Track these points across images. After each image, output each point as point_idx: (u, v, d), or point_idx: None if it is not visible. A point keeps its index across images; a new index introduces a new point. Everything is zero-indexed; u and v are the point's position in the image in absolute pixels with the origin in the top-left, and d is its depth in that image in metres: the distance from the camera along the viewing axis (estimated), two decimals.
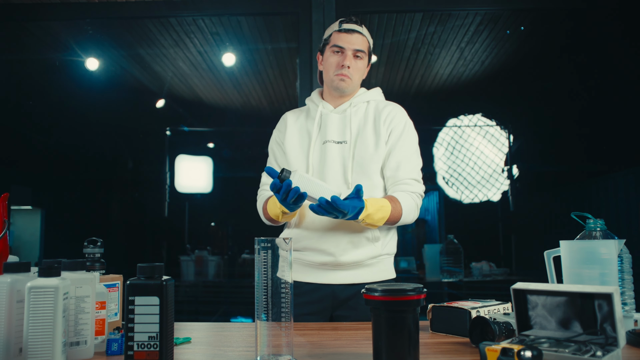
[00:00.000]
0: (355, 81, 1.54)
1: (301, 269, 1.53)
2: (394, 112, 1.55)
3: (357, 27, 1.53)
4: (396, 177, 1.49)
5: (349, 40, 1.51)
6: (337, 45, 1.52)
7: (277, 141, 1.63)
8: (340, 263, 1.47)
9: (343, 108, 1.56)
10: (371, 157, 1.49)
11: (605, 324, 0.87)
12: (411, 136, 1.54)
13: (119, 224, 4.86)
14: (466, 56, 3.76)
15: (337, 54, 1.53)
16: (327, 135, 1.53)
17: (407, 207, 1.45)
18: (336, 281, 1.49)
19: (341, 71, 1.51)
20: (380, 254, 1.51)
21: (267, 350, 0.89)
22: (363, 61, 1.55)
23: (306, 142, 1.55)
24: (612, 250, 1.07)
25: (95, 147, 4.58)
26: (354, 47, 1.51)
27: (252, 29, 3.44)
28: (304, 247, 1.51)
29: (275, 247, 0.89)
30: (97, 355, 0.98)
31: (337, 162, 1.49)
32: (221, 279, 4.96)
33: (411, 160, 1.51)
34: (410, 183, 1.49)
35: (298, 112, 1.66)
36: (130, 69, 4.17)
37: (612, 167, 3.89)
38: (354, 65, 1.52)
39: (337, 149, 1.51)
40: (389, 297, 0.82)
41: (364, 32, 1.53)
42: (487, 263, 4.27)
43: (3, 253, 1.08)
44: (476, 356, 0.94)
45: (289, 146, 1.57)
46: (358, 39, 1.52)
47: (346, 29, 1.52)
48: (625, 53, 3.47)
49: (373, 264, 1.51)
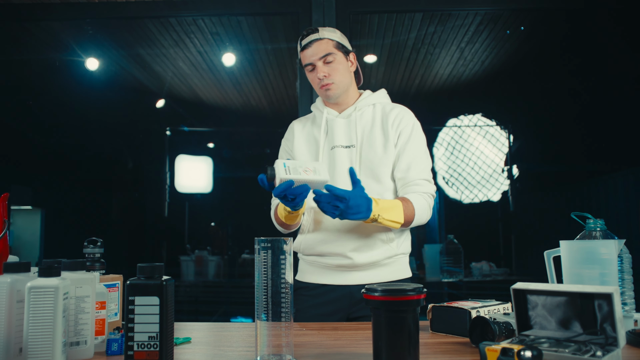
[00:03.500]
0: (340, 82, 1.53)
1: (318, 271, 1.55)
2: (402, 114, 1.55)
3: (313, 35, 1.51)
4: (407, 178, 1.50)
5: (312, 53, 1.51)
6: (306, 64, 1.53)
7: (286, 150, 1.65)
8: (356, 264, 1.49)
9: (348, 112, 1.57)
10: (380, 159, 1.50)
11: (605, 324, 0.87)
12: (420, 137, 1.55)
13: (119, 224, 4.86)
14: (466, 56, 3.76)
15: (311, 71, 1.54)
16: (334, 140, 1.54)
17: (419, 207, 1.45)
18: (353, 282, 1.50)
19: (321, 83, 1.52)
20: (395, 253, 1.52)
21: (267, 350, 0.89)
22: (337, 60, 1.52)
23: (314, 149, 1.57)
24: (612, 250, 1.07)
25: (95, 147, 4.58)
26: (318, 56, 1.50)
27: (252, 29, 3.44)
28: (320, 252, 1.52)
29: (276, 248, 0.89)
30: (97, 355, 0.98)
31: (347, 167, 1.51)
32: (221, 279, 4.96)
33: (421, 161, 1.52)
34: (421, 183, 1.50)
35: (304, 120, 1.67)
36: (130, 69, 4.16)
37: (612, 167, 3.90)
38: (328, 70, 1.51)
39: (346, 154, 1.52)
40: (389, 297, 0.82)
41: (322, 35, 1.51)
42: (487, 263, 4.27)
43: (3, 253, 1.08)
44: (476, 356, 0.94)
45: (298, 154, 1.58)
46: (319, 46, 1.50)
47: (305, 45, 1.52)
48: (625, 53, 3.47)
49: (389, 263, 1.53)
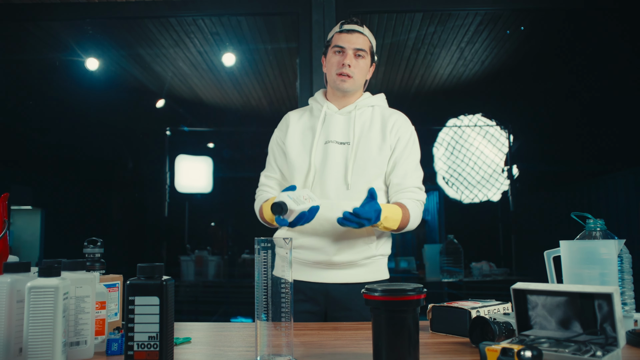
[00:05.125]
0: (357, 80, 1.55)
1: (295, 267, 1.53)
2: (401, 120, 1.58)
3: (358, 27, 1.55)
4: (403, 184, 1.53)
5: (349, 39, 1.53)
6: (338, 45, 1.54)
7: (277, 141, 1.64)
8: (333, 262, 1.49)
9: (348, 110, 1.58)
10: (374, 160, 1.51)
11: (605, 324, 0.87)
12: (417, 146, 1.59)
13: (119, 224, 4.86)
14: (466, 56, 3.76)
15: (338, 54, 1.55)
16: (329, 135, 1.54)
17: (414, 214, 1.49)
18: (329, 280, 1.50)
19: (342, 70, 1.53)
20: (374, 254, 1.52)
21: (267, 350, 0.89)
22: (365, 60, 1.56)
23: (309, 141, 1.56)
24: (612, 250, 1.07)
25: (95, 147, 4.58)
26: (354, 46, 1.53)
27: (252, 29, 3.44)
28: (299, 245, 1.52)
29: (274, 247, 0.89)
30: (97, 355, 0.98)
31: (339, 163, 1.51)
32: (221, 279, 4.96)
33: (417, 170, 1.57)
34: (416, 191, 1.54)
35: (301, 112, 1.66)
36: (130, 69, 4.16)
37: (612, 167, 3.90)
38: (355, 64, 1.53)
39: (340, 150, 1.52)
40: (389, 297, 0.82)
41: (365, 32, 1.55)
42: (487, 263, 4.27)
43: (3, 253, 1.08)
44: (476, 356, 0.94)
45: (290, 145, 1.57)
46: (359, 38, 1.54)
47: (347, 30, 1.54)
48: (625, 53, 3.47)
49: (367, 264, 1.52)
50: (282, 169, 1.62)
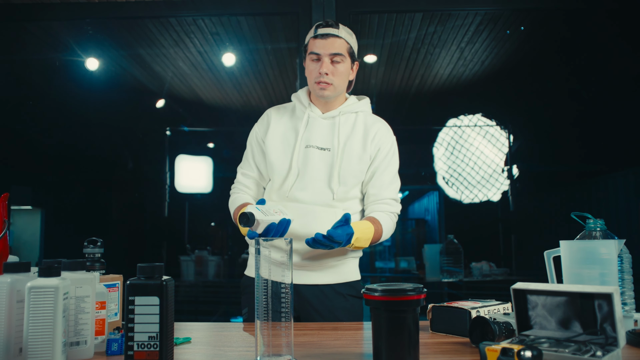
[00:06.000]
0: (337, 86, 1.50)
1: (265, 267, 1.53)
2: (383, 130, 1.55)
3: (333, 30, 1.47)
4: (379, 195, 1.52)
5: (324, 45, 1.46)
6: (313, 52, 1.48)
7: (257, 138, 1.59)
8: (303, 264, 1.48)
9: (332, 115, 1.54)
10: (353, 169, 1.49)
11: (605, 324, 0.87)
12: (396, 158, 1.57)
13: (119, 224, 4.86)
14: (466, 56, 3.76)
15: (314, 61, 1.48)
16: (311, 140, 1.51)
17: (387, 228, 1.49)
18: (298, 281, 1.49)
19: (319, 79, 1.47)
20: (345, 256, 1.52)
21: (267, 350, 0.89)
22: (344, 64, 1.48)
23: (290, 144, 1.52)
24: (612, 250, 1.07)
25: (95, 147, 4.58)
26: (330, 51, 1.46)
27: (252, 29, 3.44)
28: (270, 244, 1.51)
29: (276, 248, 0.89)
30: (97, 355, 0.98)
31: (320, 169, 1.48)
32: (221, 279, 4.96)
33: (395, 181, 1.56)
34: (391, 203, 1.53)
35: (282, 110, 1.61)
36: (130, 69, 4.16)
37: (612, 167, 3.89)
38: (332, 70, 1.47)
39: (320, 156, 1.49)
40: (389, 297, 0.82)
41: (341, 35, 1.47)
42: (487, 263, 4.26)
43: (3, 253, 1.08)
44: (476, 356, 0.94)
45: (270, 147, 1.54)
46: (335, 42, 1.46)
47: (321, 34, 1.46)
48: (625, 53, 3.47)
49: (337, 265, 1.52)
50: (260, 166, 1.59)
